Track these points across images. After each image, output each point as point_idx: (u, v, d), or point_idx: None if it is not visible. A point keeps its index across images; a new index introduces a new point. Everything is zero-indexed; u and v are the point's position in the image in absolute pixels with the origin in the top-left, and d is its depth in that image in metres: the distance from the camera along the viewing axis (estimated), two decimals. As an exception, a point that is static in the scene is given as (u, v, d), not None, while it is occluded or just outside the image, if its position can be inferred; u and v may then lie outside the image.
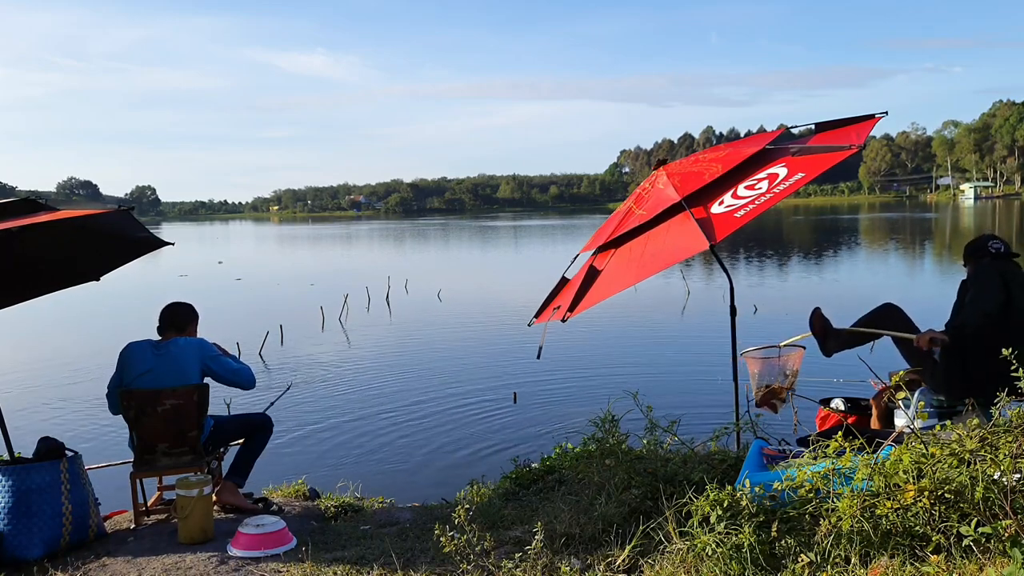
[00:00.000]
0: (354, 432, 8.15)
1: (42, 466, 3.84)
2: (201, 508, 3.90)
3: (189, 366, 4.27)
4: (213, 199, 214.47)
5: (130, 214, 4.42)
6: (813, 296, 17.14)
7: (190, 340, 4.39)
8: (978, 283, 4.05)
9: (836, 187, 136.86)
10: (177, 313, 4.47)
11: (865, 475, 2.70)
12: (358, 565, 3.47)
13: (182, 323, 4.45)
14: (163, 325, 4.43)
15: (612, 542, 3.20)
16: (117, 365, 4.34)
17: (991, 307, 3.88)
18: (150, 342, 4.35)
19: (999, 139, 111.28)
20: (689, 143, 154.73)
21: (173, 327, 4.42)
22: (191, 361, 4.28)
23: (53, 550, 3.78)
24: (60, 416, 8.85)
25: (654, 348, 12.10)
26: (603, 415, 4.42)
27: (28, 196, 4.46)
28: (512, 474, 4.86)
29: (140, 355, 4.26)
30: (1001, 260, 4.15)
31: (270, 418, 4.66)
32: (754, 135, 5.18)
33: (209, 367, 4.34)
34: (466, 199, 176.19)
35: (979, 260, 4.19)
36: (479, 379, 10.33)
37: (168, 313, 4.45)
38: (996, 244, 4.21)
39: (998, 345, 3.00)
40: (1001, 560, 2.33)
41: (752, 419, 4.45)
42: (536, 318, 4.59)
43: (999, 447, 2.60)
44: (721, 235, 3.57)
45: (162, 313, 4.45)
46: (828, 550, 2.59)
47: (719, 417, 4.78)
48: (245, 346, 12.39)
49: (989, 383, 3.57)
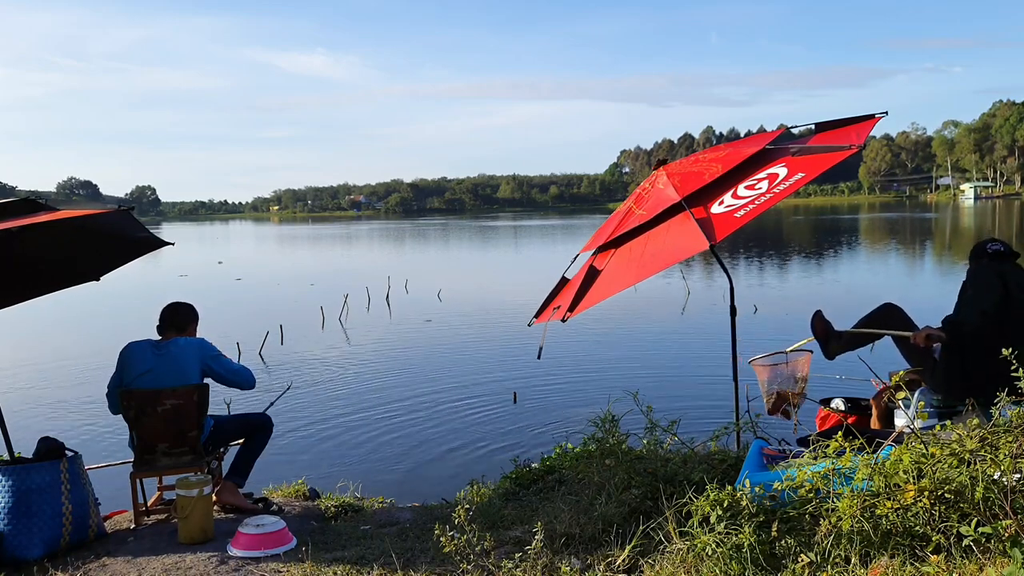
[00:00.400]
0: (354, 432, 8.16)
1: (42, 466, 3.83)
2: (201, 508, 3.90)
3: (189, 366, 4.27)
4: (213, 199, 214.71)
5: (130, 214, 4.42)
6: (813, 296, 17.14)
7: (190, 340, 4.39)
8: (976, 283, 4.06)
9: (836, 187, 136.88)
10: (178, 313, 4.46)
11: (865, 475, 2.70)
12: (358, 565, 3.47)
13: (182, 323, 4.45)
14: (163, 325, 4.43)
15: (612, 542, 3.20)
16: (117, 365, 4.34)
17: (988, 306, 3.89)
18: (150, 342, 4.35)
19: (999, 139, 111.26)
20: (689, 143, 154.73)
21: (173, 327, 4.42)
22: (191, 361, 4.28)
23: (53, 550, 3.78)
24: (60, 416, 8.86)
25: (654, 348, 12.09)
26: (603, 415, 4.42)
27: (28, 196, 4.46)
28: (512, 474, 4.86)
29: (140, 355, 4.26)
30: (1000, 260, 4.16)
31: (270, 418, 4.66)
32: (754, 135, 5.18)
33: (210, 367, 4.35)
34: (466, 199, 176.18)
35: (978, 261, 4.21)
36: (479, 379, 10.33)
37: (169, 313, 4.45)
38: (995, 245, 4.22)
39: (997, 345, 3.00)
40: (1001, 560, 2.33)
41: (752, 419, 4.46)
42: (536, 318, 4.59)
43: (999, 447, 2.60)
44: (721, 235, 3.57)
45: (162, 313, 4.45)
46: (828, 550, 2.59)
47: (719, 417, 4.78)
48: (245, 346, 12.40)
49: (989, 383, 3.58)
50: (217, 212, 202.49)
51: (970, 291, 4.06)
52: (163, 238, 4.87)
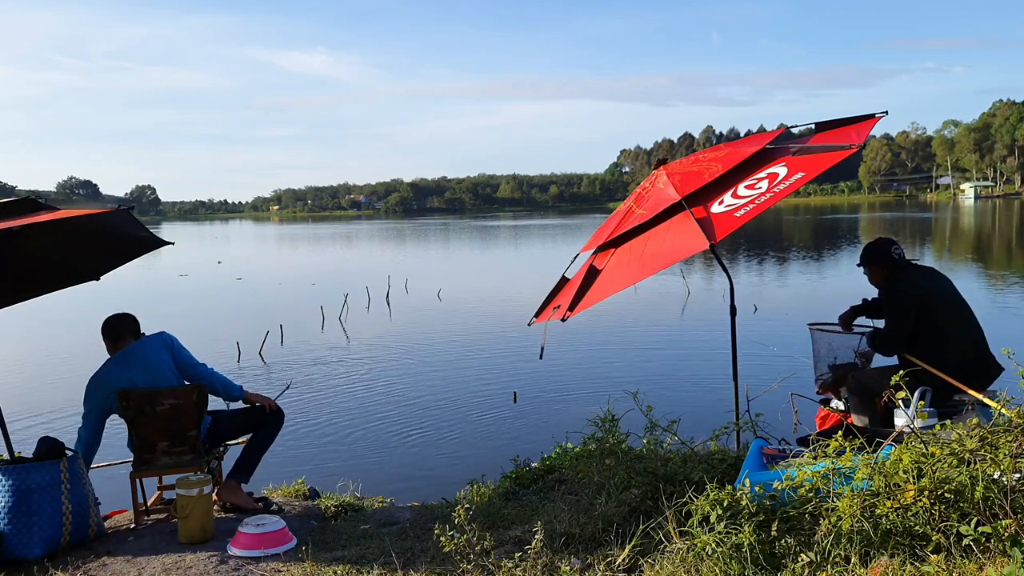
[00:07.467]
0: (354, 432, 8.16)
1: (42, 466, 3.83)
2: (201, 508, 3.90)
3: (162, 359, 4.24)
4: (213, 199, 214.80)
5: (130, 213, 4.41)
6: (813, 296, 17.16)
7: (151, 336, 4.35)
8: (891, 313, 4.37)
9: (836, 187, 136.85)
10: (127, 319, 4.38)
11: (865, 475, 2.70)
12: (358, 565, 3.47)
13: (136, 328, 4.38)
14: (117, 335, 4.32)
15: (612, 541, 3.20)
16: (89, 400, 4.25)
17: (902, 338, 4.28)
18: (112, 360, 4.28)
19: (999, 139, 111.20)
20: (689, 143, 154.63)
21: (130, 333, 4.34)
22: (162, 353, 4.26)
23: (53, 549, 3.77)
24: (60, 416, 8.84)
25: (654, 348, 12.09)
26: (603, 415, 4.42)
27: (28, 196, 4.45)
28: (512, 474, 4.86)
29: (113, 377, 4.20)
30: (905, 271, 4.40)
31: (281, 410, 4.56)
32: (754, 135, 5.18)
33: (178, 356, 4.31)
34: (466, 199, 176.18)
35: (890, 273, 4.42)
36: (479, 379, 10.34)
37: (118, 322, 4.35)
38: (898, 250, 4.45)
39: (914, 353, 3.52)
40: (1001, 560, 2.33)
41: (752, 419, 4.45)
42: (536, 318, 4.59)
43: (999, 447, 2.60)
44: (721, 235, 3.57)
45: (111, 325, 4.33)
46: (828, 550, 2.59)
47: (719, 417, 4.77)
48: (245, 346, 12.40)
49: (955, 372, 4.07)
50: (217, 212, 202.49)
51: (886, 319, 4.42)
52: (163, 238, 4.86)
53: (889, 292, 4.37)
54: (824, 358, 4.93)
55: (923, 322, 4.22)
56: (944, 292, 4.32)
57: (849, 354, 4.83)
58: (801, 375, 5.99)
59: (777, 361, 8.58)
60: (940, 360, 4.13)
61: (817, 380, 5.00)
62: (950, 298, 4.31)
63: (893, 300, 4.33)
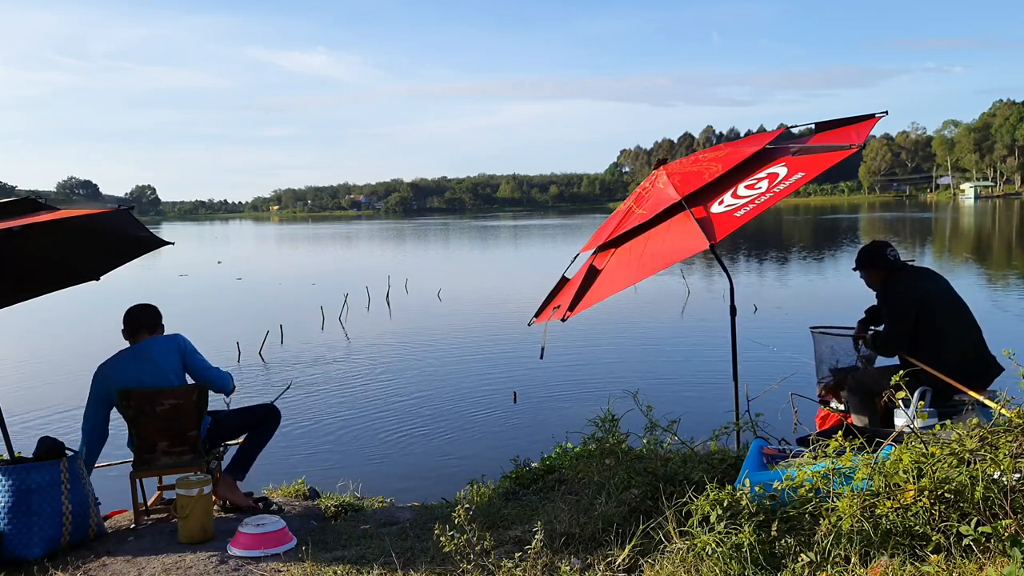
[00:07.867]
0: (354, 432, 8.16)
1: (42, 466, 3.83)
2: (201, 508, 3.90)
3: (170, 363, 4.23)
4: (213, 199, 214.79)
5: (130, 213, 4.41)
6: (813, 296, 17.15)
7: (168, 336, 4.35)
8: (890, 315, 4.38)
9: (836, 187, 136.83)
10: (147, 312, 4.38)
11: (865, 475, 2.70)
12: (358, 565, 3.47)
13: (154, 322, 4.38)
14: (134, 327, 4.32)
15: (612, 541, 3.20)
16: (94, 390, 4.25)
17: (903, 340, 4.28)
18: (124, 352, 4.28)
19: (999, 139, 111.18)
20: (689, 143, 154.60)
21: (145, 327, 4.34)
22: (172, 356, 4.25)
23: (53, 549, 3.77)
24: (60, 416, 8.85)
25: (654, 348, 12.09)
26: (603, 415, 4.42)
27: (28, 196, 4.45)
28: (512, 474, 4.86)
29: (120, 368, 4.21)
30: (902, 272, 4.40)
31: (277, 409, 4.57)
32: (754, 135, 5.18)
33: (187, 361, 4.31)
34: (466, 199, 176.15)
35: (887, 276, 4.41)
36: (479, 379, 10.34)
37: (139, 313, 4.36)
38: (893, 252, 4.44)
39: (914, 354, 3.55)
40: (1001, 560, 2.33)
41: (752, 419, 4.46)
42: (536, 318, 4.59)
43: (999, 447, 2.60)
44: (721, 234, 3.57)
45: (132, 315, 4.34)
46: (828, 550, 2.59)
47: (719, 417, 4.77)
48: (245, 346, 12.40)
49: (953, 373, 4.09)
50: (217, 212, 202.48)
51: (885, 321, 4.44)
52: (163, 237, 4.86)
53: (887, 294, 4.37)
54: (826, 361, 4.93)
55: (922, 323, 4.22)
56: (942, 292, 4.32)
57: (851, 357, 4.83)
58: (801, 375, 5.99)
59: (777, 361, 8.57)
60: (939, 360, 4.13)
61: (819, 383, 5.01)
62: (948, 298, 4.31)
63: (891, 302, 4.33)
